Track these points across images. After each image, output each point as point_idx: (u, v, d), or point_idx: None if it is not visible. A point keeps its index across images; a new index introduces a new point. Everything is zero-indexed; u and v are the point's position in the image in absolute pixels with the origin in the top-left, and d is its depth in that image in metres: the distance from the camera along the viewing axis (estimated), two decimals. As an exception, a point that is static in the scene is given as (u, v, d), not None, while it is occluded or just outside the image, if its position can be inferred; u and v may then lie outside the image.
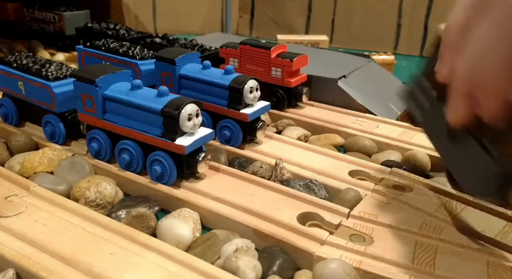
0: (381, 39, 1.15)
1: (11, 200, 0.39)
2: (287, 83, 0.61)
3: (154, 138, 0.42)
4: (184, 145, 0.40)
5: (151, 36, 0.79)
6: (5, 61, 0.53)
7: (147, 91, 0.44)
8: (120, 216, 0.38)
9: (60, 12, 0.87)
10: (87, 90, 0.44)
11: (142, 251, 0.33)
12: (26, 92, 0.51)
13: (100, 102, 0.44)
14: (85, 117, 0.46)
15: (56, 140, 0.50)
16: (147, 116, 0.42)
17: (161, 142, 0.41)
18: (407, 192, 0.42)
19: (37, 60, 0.52)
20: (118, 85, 0.45)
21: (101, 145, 0.46)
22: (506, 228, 0.37)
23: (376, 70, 0.76)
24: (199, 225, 0.39)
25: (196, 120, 0.42)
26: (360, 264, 0.33)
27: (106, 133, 0.45)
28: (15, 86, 0.51)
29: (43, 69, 0.50)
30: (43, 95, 0.49)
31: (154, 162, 0.43)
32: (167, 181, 0.42)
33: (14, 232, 0.35)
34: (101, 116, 0.45)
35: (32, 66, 0.50)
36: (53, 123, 0.50)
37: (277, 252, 0.35)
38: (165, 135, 0.41)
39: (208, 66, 0.53)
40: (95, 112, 0.45)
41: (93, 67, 0.48)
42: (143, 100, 0.42)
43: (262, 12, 1.27)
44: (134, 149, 0.44)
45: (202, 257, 0.34)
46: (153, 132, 0.42)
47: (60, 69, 0.50)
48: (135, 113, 0.43)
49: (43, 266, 0.31)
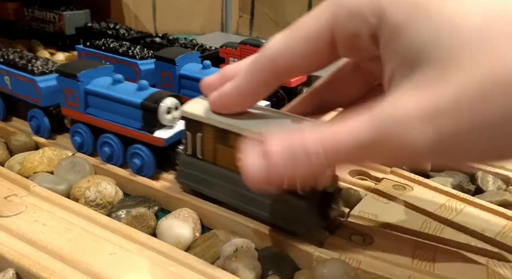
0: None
1: (11, 199, 0.39)
2: (287, 83, 0.60)
3: (134, 131, 0.43)
4: (164, 137, 0.42)
5: (151, 36, 0.79)
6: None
7: (127, 85, 0.45)
8: (120, 216, 0.38)
9: (60, 11, 0.87)
10: (69, 85, 0.45)
11: (142, 251, 0.33)
12: (12, 87, 0.52)
13: (82, 97, 0.45)
14: (68, 111, 0.47)
15: (41, 134, 0.51)
16: (127, 109, 0.43)
17: (141, 134, 0.42)
18: (407, 192, 0.42)
19: (23, 56, 0.53)
20: (100, 80, 0.45)
21: (84, 139, 0.47)
22: (506, 228, 0.37)
23: (376, 70, 0.76)
24: (199, 225, 0.39)
25: (176, 113, 0.43)
26: (360, 264, 0.33)
27: (88, 127, 0.46)
28: (1, 81, 0.53)
29: (29, 64, 0.51)
30: (29, 90, 0.50)
31: (133, 155, 0.43)
32: (147, 173, 0.43)
33: (14, 232, 0.35)
34: (83, 111, 0.46)
35: (18, 61, 0.51)
36: (38, 118, 0.50)
37: (277, 252, 0.35)
38: (145, 128, 0.42)
39: (208, 66, 0.53)
40: (78, 106, 0.46)
41: (76, 62, 0.50)
42: (123, 94, 0.43)
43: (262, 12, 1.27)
44: (115, 142, 0.44)
45: (202, 257, 0.34)
46: (133, 125, 0.43)
47: (46, 65, 0.51)
48: (116, 107, 0.44)
49: (43, 266, 0.31)
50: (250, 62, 0.32)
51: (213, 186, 0.38)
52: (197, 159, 0.38)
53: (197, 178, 0.39)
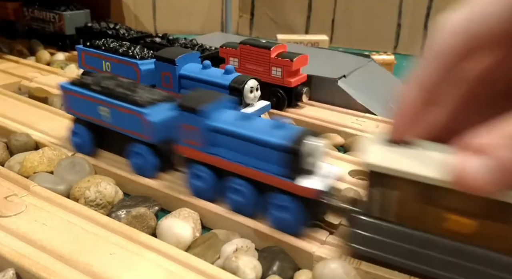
0: (381, 39, 1.15)
1: (11, 199, 0.39)
2: (287, 83, 0.61)
3: None
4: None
5: (151, 36, 0.79)
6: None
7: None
8: (120, 216, 0.38)
9: (60, 11, 0.87)
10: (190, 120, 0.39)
11: (142, 251, 0.33)
12: (113, 120, 0.45)
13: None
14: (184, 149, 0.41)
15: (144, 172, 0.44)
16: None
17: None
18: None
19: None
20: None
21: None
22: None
23: (376, 70, 0.76)
24: (199, 225, 0.39)
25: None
26: (360, 264, 0.33)
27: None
28: (94, 112, 0.45)
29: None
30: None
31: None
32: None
33: (14, 232, 0.35)
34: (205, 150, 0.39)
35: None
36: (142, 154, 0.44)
37: (277, 252, 0.35)
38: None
39: (208, 66, 0.53)
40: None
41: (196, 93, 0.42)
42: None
43: (262, 12, 1.27)
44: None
45: (202, 257, 0.34)
46: None
47: (152, 94, 0.44)
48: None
49: (43, 266, 0.31)
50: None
51: (417, 258, 0.30)
52: (388, 222, 0.31)
53: (386, 245, 0.31)
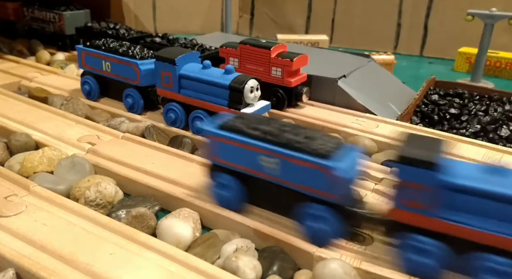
0: (381, 39, 1.15)
1: (11, 199, 0.39)
2: (287, 83, 0.61)
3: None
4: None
5: (151, 36, 0.79)
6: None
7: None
8: (120, 216, 0.38)
9: (60, 11, 0.87)
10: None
11: (142, 251, 0.33)
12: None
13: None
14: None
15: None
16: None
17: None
18: (407, 192, 0.42)
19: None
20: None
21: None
22: None
23: (376, 70, 0.76)
24: (199, 225, 0.39)
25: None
26: (360, 264, 0.33)
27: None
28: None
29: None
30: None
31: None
32: None
33: (14, 232, 0.35)
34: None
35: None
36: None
37: (277, 252, 0.35)
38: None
39: (208, 66, 0.53)
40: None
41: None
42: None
43: (262, 12, 1.27)
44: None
45: (202, 257, 0.34)
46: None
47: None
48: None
49: (43, 266, 0.31)
50: None
51: None
52: None
53: None
